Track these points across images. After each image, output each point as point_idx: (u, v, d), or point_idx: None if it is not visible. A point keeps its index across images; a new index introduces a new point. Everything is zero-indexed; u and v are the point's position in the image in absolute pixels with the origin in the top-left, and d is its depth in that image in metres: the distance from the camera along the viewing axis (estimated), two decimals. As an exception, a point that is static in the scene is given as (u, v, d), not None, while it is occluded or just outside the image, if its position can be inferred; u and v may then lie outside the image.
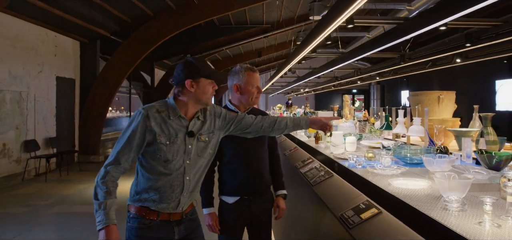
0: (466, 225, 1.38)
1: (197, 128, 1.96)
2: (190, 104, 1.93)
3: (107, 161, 1.84)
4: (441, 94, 4.53)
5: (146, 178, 1.90)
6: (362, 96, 26.83)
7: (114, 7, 8.35)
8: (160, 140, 1.84)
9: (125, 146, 1.83)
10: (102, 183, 1.79)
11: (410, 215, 1.58)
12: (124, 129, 1.89)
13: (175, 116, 1.90)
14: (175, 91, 1.94)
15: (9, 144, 7.28)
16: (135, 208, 1.91)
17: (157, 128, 1.85)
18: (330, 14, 3.15)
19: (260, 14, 11.26)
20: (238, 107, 2.48)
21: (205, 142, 1.99)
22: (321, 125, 2.25)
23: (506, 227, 1.36)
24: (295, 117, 2.24)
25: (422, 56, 5.80)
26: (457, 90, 11.84)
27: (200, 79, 1.89)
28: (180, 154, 1.89)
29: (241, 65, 2.48)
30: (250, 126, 2.14)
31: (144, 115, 1.85)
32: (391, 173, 2.36)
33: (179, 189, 1.92)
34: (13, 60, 7.35)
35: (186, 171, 1.92)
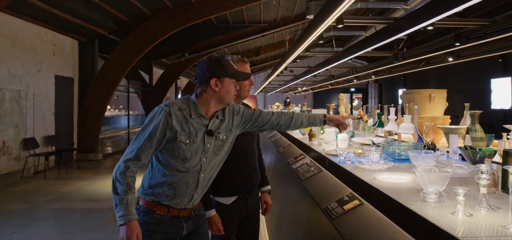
0: (441, 215, 1.46)
1: (216, 127, 1.94)
2: (212, 103, 1.91)
3: (127, 156, 1.82)
4: (432, 93, 4.63)
5: (161, 173, 1.87)
6: (360, 94, 26.96)
7: (112, 6, 8.42)
8: (180, 139, 1.83)
9: (146, 143, 1.80)
10: (122, 178, 1.77)
11: (390, 206, 1.67)
12: (144, 125, 1.85)
13: (197, 115, 1.88)
14: (198, 90, 1.91)
15: (8, 142, 7.37)
16: (145, 201, 1.90)
17: (178, 126, 1.83)
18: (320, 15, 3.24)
19: (258, 13, 11.35)
20: None
21: (222, 140, 1.97)
22: (338, 124, 2.30)
23: (478, 216, 1.45)
24: (310, 115, 2.27)
25: (415, 55, 5.89)
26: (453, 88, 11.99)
27: (224, 79, 1.86)
28: (199, 153, 1.88)
29: (233, 57, 2.36)
30: (267, 123, 2.14)
31: (166, 112, 1.82)
32: (378, 168, 2.46)
33: (194, 186, 1.91)
34: (12, 59, 7.43)
35: (202, 168, 1.91)
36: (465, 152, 2.30)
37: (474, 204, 1.57)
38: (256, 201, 2.53)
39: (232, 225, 2.40)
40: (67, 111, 9.52)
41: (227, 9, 9.17)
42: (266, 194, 2.61)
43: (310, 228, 2.17)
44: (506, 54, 8.81)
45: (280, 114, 2.19)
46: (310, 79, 12.96)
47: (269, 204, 2.60)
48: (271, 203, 2.61)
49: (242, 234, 2.51)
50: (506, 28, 3.55)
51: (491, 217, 1.45)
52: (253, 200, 2.48)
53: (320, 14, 3.42)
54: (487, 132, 2.82)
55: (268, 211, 2.59)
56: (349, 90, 25.66)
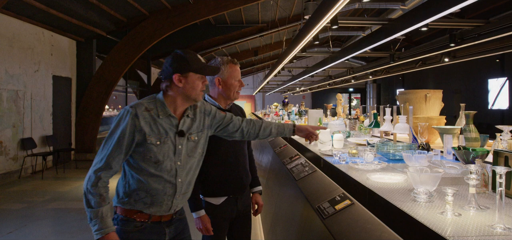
0: (431, 215, 1.48)
1: (187, 127, 1.87)
2: (179, 100, 1.82)
3: (96, 166, 1.73)
4: (428, 93, 4.66)
5: (135, 179, 1.79)
6: (358, 94, 27.02)
7: (110, 6, 8.43)
8: (150, 141, 1.75)
9: (115, 149, 1.72)
10: (94, 189, 1.69)
11: (381, 206, 1.69)
12: (111, 130, 1.76)
13: (165, 114, 1.80)
14: (163, 86, 1.83)
15: (6, 142, 7.37)
16: (123, 210, 1.81)
17: (147, 127, 1.75)
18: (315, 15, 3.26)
19: (256, 14, 11.36)
20: (218, 101, 2.40)
21: (194, 141, 1.90)
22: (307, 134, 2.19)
23: (466, 216, 1.47)
24: (280, 124, 2.20)
25: (411, 55, 5.94)
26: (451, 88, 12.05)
27: (188, 74, 1.78)
28: (171, 155, 1.80)
29: (222, 58, 2.37)
30: (237, 131, 2.08)
31: (133, 114, 1.74)
32: (371, 168, 2.48)
33: (172, 191, 1.83)
34: (10, 59, 7.44)
35: (177, 173, 1.83)
36: (458, 152, 2.32)
37: (464, 203, 1.59)
38: (247, 201, 2.52)
39: (222, 225, 2.39)
40: (65, 111, 9.52)
41: (224, 9, 9.18)
42: (257, 195, 2.61)
43: (303, 227, 2.19)
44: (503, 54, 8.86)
45: (249, 122, 2.14)
46: (308, 79, 12.99)
47: (260, 204, 2.59)
48: (262, 203, 2.60)
49: (234, 234, 2.50)
50: (500, 29, 3.59)
51: (479, 217, 1.47)
52: (244, 201, 2.47)
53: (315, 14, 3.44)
54: (485, 132, 2.84)
55: (259, 212, 2.60)
56: (347, 90, 25.72)
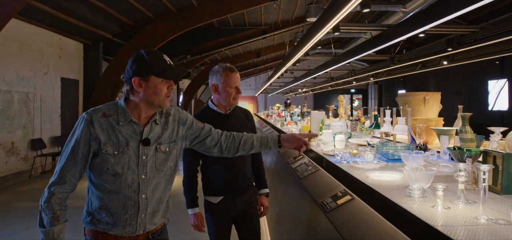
0: (423, 209, 1.66)
1: (155, 135, 1.68)
2: (142, 106, 1.65)
3: (51, 180, 1.58)
4: (426, 95, 4.82)
5: (96, 197, 1.63)
6: (360, 95, 27.18)
7: (116, 10, 8.62)
8: (106, 150, 1.58)
9: (69, 160, 1.56)
10: (46, 207, 1.54)
11: (379, 201, 1.87)
12: (67, 140, 1.61)
13: (126, 120, 1.62)
14: (124, 90, 1.66)
15: (17, 143, 7.59)
16: (89, 231, 1.68)
17: (103, 135, 1.58)
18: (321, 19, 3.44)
19: (259, 16, 11.54)
20: (218, 106, 2.47)
21: (165, 152, 1.70)
22: (296, 145, 1.94)
23: (455, 209, 1.65)
24: (263, 136, 1.99)
25: (410, 58, 6.12)
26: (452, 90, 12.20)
27: (150, 77, 1.60)
28: (133, 167, 1.61)
29: (221, 65, 2.42)
30: (215, 146, 1.90)
31: (88, 120, 1.58)
32: (371, 167, 2.66)
33: (134, 209, 1.63)
34: (20, 63, 7.65)
35: (141, 187, 1.63)
36: (453, 152, 2.49)
37: (454, 198, 1.76)
38: (249, 201, 2.54)
39: (222, 224, 2.45)
40: (73, 112, 9.72)
41: (228, 13, 9.37)
42: (262, 197, 2.64)
43: (308, 221, 2.36)
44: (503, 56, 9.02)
45: (229, 136, 1.94)
46: (310, 80, 13.16)
47: (265, 206, 2.64)
48: (267, 206, 2.65)
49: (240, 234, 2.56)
50: (494, 35, 3.76)
51: (466, 209, 1.64)
52: (244, 201, 2.50)
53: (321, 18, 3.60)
54: (485, 133, 2.97)
55: (264, 214, 2.65)
56: (349, 91, 25.88)
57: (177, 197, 3.20)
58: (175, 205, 2.10)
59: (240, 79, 2.47)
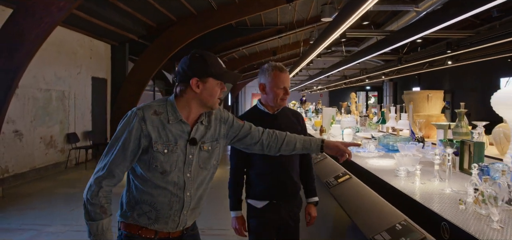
0: (406, 184, 2.15)
1: (199, 135, 1.70)
2: (194, 106, 1.66)
3: (98, 173, 1.57)
4: (429, 93, 5.25)
5: (140, 191, 1.64)
6: (375, 92, 27.36)
7: (142, 14, 9.22)
8: (157, 148, 1.59)
9: (119, 155, 1.57)
10: (94, 200, 1.56)
11: (373, 180, 2.37)
12: (115, 134, 1.61)
13: (176, 120, 1.63)
14: (177, 90, 1.66)
15: (55, 136, 8.33)
16: (126, 225, 1.67)
17: (154, 133, 1.59)
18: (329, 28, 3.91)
19: (275, 16, 11.98)
20: (266, 106, 2.38)
21: (208, 151, 1.73)
22: (338, 152, 1.94)
23: (429, 185, 2.12)
24: (306, 139, 1.97)
25: (416, 59, 6.52)
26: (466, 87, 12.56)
27: (208, 79, 1.62)
28: (180, 165, 1.63)
29: (270, 64, 2.33)
30: (256, 143, 1.90)
31: (140, 117, 1.59)
32: (371, 156, 3.16)
33: (179, 206, 1.66)
34: (58, 64, 8.36)
35: (186, 185, 1.66)
36: (444, 143, 2.97)
37: (431, 177, 2.25)
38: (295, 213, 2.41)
39: (265, 232, 2.31)
40: (102, 109, 10.42)
41: (246, 14, 9.86)
42: (310, 206, 2.49)
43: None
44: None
45: (271, 134, 1.92)
46: (325, 78, 13.55)
47: (312, 216, 2.48)
48: (315, 215, 2.49)
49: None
50: (488, 39, 4.17)
51: (439, 185, 2.12)
52: (290, 211, 2.36)
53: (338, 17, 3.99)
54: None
55: (310, 223, 2.49)
56: (364, 88, 26.11)
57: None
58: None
59: (289, 79, 2.37)
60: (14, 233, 4.57)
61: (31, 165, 7.63)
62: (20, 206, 5.66)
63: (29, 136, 7.59)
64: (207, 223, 4.71)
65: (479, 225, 1.48)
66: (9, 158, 7.06)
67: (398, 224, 1.70)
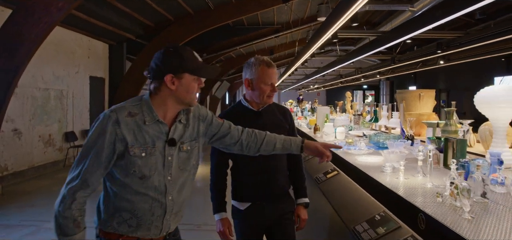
0: (391, 180, 2.26)
1: (178, 135, 1.61)
2: (170, 104, 1.57)
3: (71, 183, 1.45)
4: (421, 92, 5.38)
5: (118, 198, 1.53)
6: (373, 91, 27.55)
7: (140, 13, 9.31)
8: (134, 152, 1.49)
9: (93, 162, 1.45)
10: (67, 213, 1.44)
11: (360, 175, 2.48)
12: (87, 139, 1.50)
13: (152, 120, 1.54)
14: (151, 87, 1.57)
15: (53, 135, 8.42)
16: (106, 234, 1.57)
17: (130, 136, 1.49)
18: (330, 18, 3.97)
19: (272, 16, 12.07)
20: (250, 103, 2.25)
21: (187, 152, 1.64)
22: (318, 153, 1.90)
23: (413, 180, 2.24)
24: (286, 138, 1.91)
25: (409, 59, 6.65)
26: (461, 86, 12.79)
27: (183, 74, 1.52)
28: (159, 168, 1.55)
29: (256, 58, 2.18)
30: (236, 143, 1.82)
31: (113, 120, 1.48)
32: (361, 153, 3.27)
33: (161, 211, 1.57)
34: (56, 63, 8.45)
35: (168, 189, 1.57)
36: (432, 141, 3.08)
37: (415, 172, 2.36)
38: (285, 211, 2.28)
39: (250, 232, 2.23)
40: (99, 108, 10.49)
41: (243, 14, 9.95)
42: (300, 207, 2.33)
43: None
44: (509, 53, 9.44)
45: (251, 134, 1.85)
46: (321, 78, 13.66)
47: (302, 219, 2.32)
48: (305, 218, 2.33)
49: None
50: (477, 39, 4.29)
51: (421, 180, 2.23)
52: (276, 211, 2.24)
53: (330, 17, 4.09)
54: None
55: (300, 227, 2.33)
56: (361, 87, 26.27)
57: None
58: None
59: (277, 74, 2.25)
60: (13, 229, 4.67)
61: (30, 163, 7.72)
62: (19, 203, 5.76)
63: (28, 134, 7.68)
64: (202, 218, 4.83)
65: (453, 216, 1.59)
66: (8, 157, 7.15)
67: (377, 215, 1.82)
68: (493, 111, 2.64)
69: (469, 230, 1.44)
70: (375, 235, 1.71)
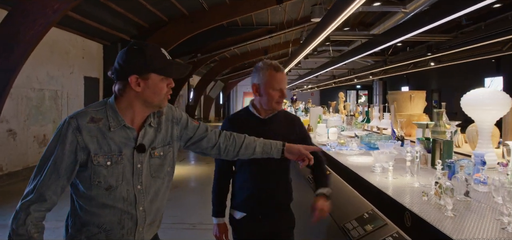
0: (380, 180, 2.35)
1: (148, 140, 1.49)
2: (137, 107, 1.44)
3: (26, 198, 1.35)
4: (412, 94, 5.50)
5: (85, 212, 1.42)
6: (366, 91, 27.81)
7: (135, 14, 9.34)
8: (98, 161, 1.37)
9: (50, 174, 1.34)
10: (20, 230, 1.31)
11: (351, 175, 2.58)
12: (45, 150, 1.38)
13: (118, 125, 1.41)
14: (116, 89, 1.44)
15: (48, 135, 8.42)
16: None
17: (93, 144, 1.37)
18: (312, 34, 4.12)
19: (266, 16, 12.18)
20: (258, 110, 2.13)
21: (159, 157, 1.52)
22: (299, 157, 1.78)
23: (401, 179, 2.33)
24: (266, 142, 1.80)
25: (400, 60, 6.81)
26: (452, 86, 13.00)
27: (149, 75, 1.40)
28: (127, 177, 1.42)
29: (265, 62, 2.07)
30: (213, 147, 1.71)
31: (74, 126, 1.36)
32: (353, 153, 3.37)
33: (132, 224, 1.45)
34: (51, 63, 8.46)
35: (138, 199, 1.45)
36: (421, 142, 3.19)
37: (403, 172, 2.46)
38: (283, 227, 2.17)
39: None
40: (94, 108, 10.53)
41: (238, 15, 10.05)
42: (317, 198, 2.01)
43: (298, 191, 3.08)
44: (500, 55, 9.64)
45: (229, 137, 1.76)
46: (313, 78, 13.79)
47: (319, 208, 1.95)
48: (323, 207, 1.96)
49: None
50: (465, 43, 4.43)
51: (409, 179, 2.33)
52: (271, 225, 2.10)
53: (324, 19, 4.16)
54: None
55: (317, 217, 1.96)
56: (355, 87, 26.49)
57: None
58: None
59: (286, 79, 2.13)
60: (10, 229, 4.71)
61: (24, 163, 7.73)
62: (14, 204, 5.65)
63: (23, 135, 7.68)
64: (198, 218, 4.91)
65: (437, 214, 1.69)
66: (3, 157, 7.17)
67: (366, 213, 1.91)
68: (478, 113, 2.76)
69: (451, 227, 1.54)
70: (363, 232, 1.81)
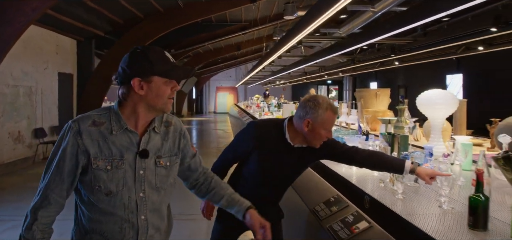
0: (345, 170, 2.70)
1: (154, 147, 1.47)
2: (141, 111, 1.42)
3: (33, 201, 1.37)
4: (377, 91, 5.94)
5: (87, 219, 1.42)
6: (336, 86, 28.60)
7: (109, 10, 9.36)
8: (98, 165, 1.36)
9: (54, 177, 1.36)
10: (28, 235, 1.33)
11: (319, 166, 2.92)
12: (51, 155, 1.40)
13: (120, 129, 1.41)
14: (120, 93, 1.43)
15: (22, 132, 8.39)
16: None
17: (93, 147, 1.37)
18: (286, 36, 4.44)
19: (239, 14, 12.39)
20: (292, 137, 2.02)
21: (165, 167, 1.49)
22: (256, 230, 1.62)
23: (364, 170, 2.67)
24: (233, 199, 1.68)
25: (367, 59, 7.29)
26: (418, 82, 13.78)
27: (152, 78, 1.39)
28: (129, 184, 1.40)
29: (324, 100, 1.96)
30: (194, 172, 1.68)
31: (74, 130, 1.37)
32: (323, 147, 3.72)
33: (133, 233, 1.42)
34: (24, 59, 8.40)
35: (139, 207, 1.42)
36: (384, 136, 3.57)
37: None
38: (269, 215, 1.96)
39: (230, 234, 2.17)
40: (68, 104, 10.45)
41: (213, 13, 10.26)
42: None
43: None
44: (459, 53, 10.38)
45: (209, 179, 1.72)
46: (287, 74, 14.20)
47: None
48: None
49: None
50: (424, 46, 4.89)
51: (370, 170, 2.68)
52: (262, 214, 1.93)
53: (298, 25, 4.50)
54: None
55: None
56: (326, 82, 27.20)
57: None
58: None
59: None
60: (-8, 224, 4.81)
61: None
62: None
63: (-3, 132, 7.65)
64: (178, 209, 5.14)
65: (390, 197, 2.05)
66: (-23, 154, 7.12)
67: (332, 197, 2.26)
68: (431, 111, 3.17)
69: (401, 207, 1.90)
70: (329, 212, 2.16)
